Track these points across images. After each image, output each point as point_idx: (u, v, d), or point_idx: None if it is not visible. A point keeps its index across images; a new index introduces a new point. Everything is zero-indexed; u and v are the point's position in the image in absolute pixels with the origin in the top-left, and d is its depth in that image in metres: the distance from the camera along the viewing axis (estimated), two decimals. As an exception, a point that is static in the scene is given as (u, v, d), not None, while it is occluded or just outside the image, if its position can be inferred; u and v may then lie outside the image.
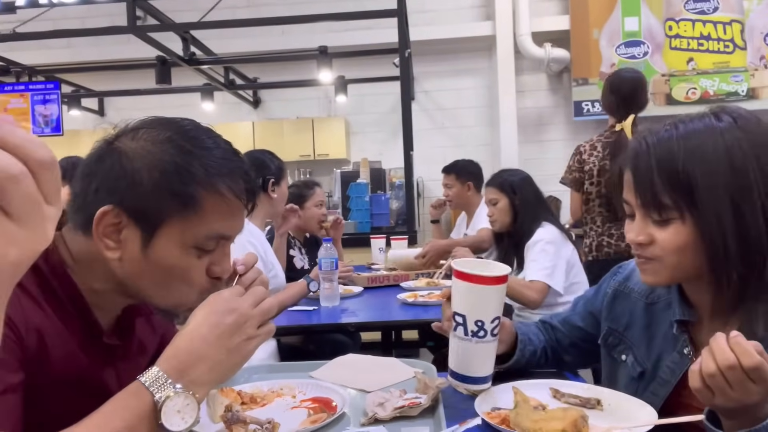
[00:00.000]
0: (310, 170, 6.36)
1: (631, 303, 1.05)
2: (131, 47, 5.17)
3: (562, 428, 0.79)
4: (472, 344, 0.95)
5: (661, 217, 0.85)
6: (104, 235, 0.74)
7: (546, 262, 2.21)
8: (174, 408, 0.66)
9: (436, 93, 6.19)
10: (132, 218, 0.74)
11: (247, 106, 6.45)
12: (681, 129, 0.87)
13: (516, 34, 5.62)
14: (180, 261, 0.77)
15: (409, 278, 2.58)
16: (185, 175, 0.75)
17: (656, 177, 0.84)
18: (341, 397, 0.98)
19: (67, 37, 5.32)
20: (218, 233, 0.78)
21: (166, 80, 4.77)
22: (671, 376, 0.93)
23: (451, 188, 3.42)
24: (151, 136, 0.76)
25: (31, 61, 5.37)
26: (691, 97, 5.46)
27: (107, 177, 0.75)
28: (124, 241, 0.75)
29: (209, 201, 0.76)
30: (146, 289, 0.78)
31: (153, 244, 0.75)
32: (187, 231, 0.76)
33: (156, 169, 0.74)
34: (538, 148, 5.94)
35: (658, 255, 0.87)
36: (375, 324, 2.12)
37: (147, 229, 0.75)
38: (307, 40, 5.32)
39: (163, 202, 0.74)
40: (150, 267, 0.76)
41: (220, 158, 0.78)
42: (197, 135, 0.79)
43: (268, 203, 2.22)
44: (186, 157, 0.76)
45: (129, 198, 0.74)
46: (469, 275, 0.94)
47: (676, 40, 5.51)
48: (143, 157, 0.75)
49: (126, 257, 0.75)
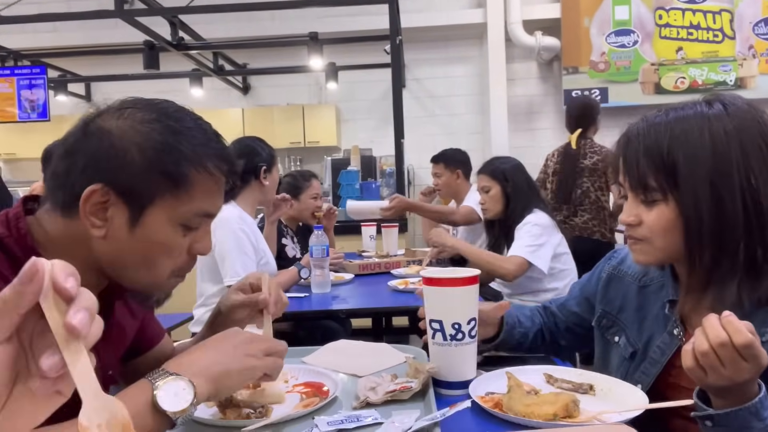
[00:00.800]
0: (300, 157, 6.33)
1: (625, 286, 1.08)
2: (118, 32, 5.09)
3: (553, 412, 0.80)
4: (451, 348, 0.96)
5: (647, 198, 0.90)
6: (91, 213, 0.74)
7: (530, 240, 2.23)
8: (171, 391, 0.68)
9: (427, 80, 6.18)
10: (120, 197, 0.75)
11: (237, 92, 6.39)
12: (671, 115, 0.91)
13: (507, 22, 5.61)
14: (167, 238, 0.78)
15: (401, 266, 2.59)
16: (176, 154, 0.76)
17: (642, 159, 0.89)
18: (333, 382, 0.99)
19: (53, 21, 5.23)
20: (205, 211, 0.80)
21: (154, 65, 4.71)
22: (661, 356, 0.96)
23: (441, 177, 3.44)
24: (138, 116, 0.77)
25: (16, 45, 5.28)
26: (679, 86, 5.50)
27: (95, 156, 0.75)
28: (111, 219, 0.75)
29: (198, 179, 0.77)
30: (127, 267, 0.78)
31: (141, 222, 0.76)
32: (176, 209, 0.77)
33: (147, 149, 0.75)
34: (528, 136, 5.96)
35: (646, 236, 0.91)
36: (366, 311, 2.14)
37: (135, 208, 0.75)
38: (297, 26, 5.27)
39: (154, 181, 0.75)
40: (136, 244, 0.76)
41: (205, 138, 0.80)
42: (181, 116, 0.80)
43: (259, 190, 2.21)
44: (175, 136, 0.77)
45: (119, 177, 0.74)
46: (440, 279, 0.97)
47: (666, 29, 5.53)
48: (132, 136, 0.75)
49: (111, 235, 0.75)
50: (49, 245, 0.77)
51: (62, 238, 0.77)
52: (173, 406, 0.67)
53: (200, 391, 0.71)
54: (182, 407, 0.68)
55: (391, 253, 2.95)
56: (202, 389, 0.71)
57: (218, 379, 0.74)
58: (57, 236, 0.77)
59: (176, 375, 0.70)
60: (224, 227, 2.04)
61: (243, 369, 0.76)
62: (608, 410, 0.83)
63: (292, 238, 2.93)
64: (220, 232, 2.05)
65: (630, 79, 5.56)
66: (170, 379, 0.69)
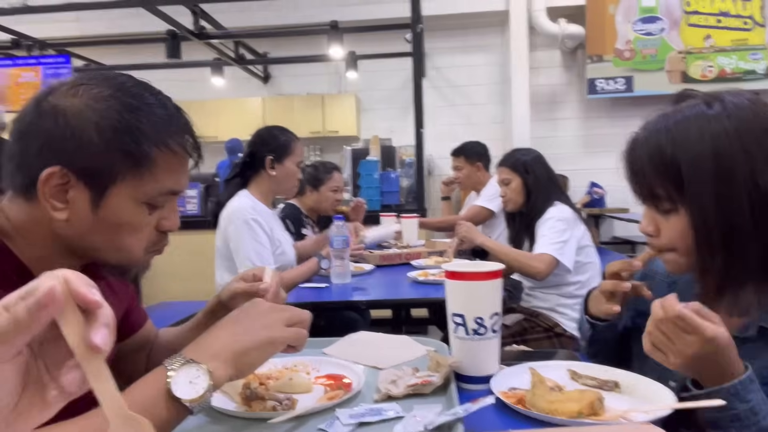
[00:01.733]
0: (320, 147, 6.34)
1: (656, 284, 1.08)
2: (141, 21, 5.13)
3: (578, 410, 0.79)
4: (474, 342, 0.95)
5: (658, 208, 0.89)
6: (51, 196, 0.72)
7: (556, 237, 2.20)
8: (186, 378, 0.66)
9: (447, 70, 6.12)
10: (80, 178, 0.73)
11: (257, 81, 6.40)
12: (671, 119, 0.88)
13: (530, 10, 5.52)
14: (132, 218, 0.76)
15: (421, 257, 2.58)
16: (136, 133, 0.74)
17: (647, 169, 0.87)
18: (355, 374, 0.98)
19: (78, 10, 5.27)
20: (170, 189, 0.78)
21: (176, 55, 4.74)
22: None
23: (461, 170, 3.47)
24: (93, 93, 0.74)
25: (41, 34, 5.35)
26: (707, 75, 5.36)
27: (51, 137, 0.72)
28: (72, 201, 0.73)
29: (161, 158, 0.76)
30: (96, 246, 0.77)
31: (104, 203, 0.74)
32: (139, 188, 0.75)
33: (105, 128, 0.73)
34: (550, 126, 5.88)
35: (667, 245, 0.90)
36: (385, 302, 2.13)
37: (97, 189, 0.73)
38: (318, 15, 5.26)
39: (115, 161, 0.73)
40: (101, 225, 0.75)
41: (166, 114, 0.77)
42: (140, 92, 0.77)
43: (268, 180, 2.20)
44: (134, 114, 0.74)
45: (77, 158, 0.72)
46: (463, 273, 0.96)
47: (694, 16, 5.39)
48: (89, 115, 0.73)
49: (74, 217, 0.74)
50: (15, 234, 0.76)
51: (27, 223, 0.76)
52: (188, 394, 0.65)
53: (218, 374, 0.68)
54: (197, 395, 0.65)
55: (412, 244, 2.94)
56: (219, 372, 0.68)
57: (236, 358, 0.70)
58: (21, 223, 0.76)
59: (191, 361, 0.67)
60: (237, 217, 2.05)
61: (261, 343, 0.73)
62: (634, 409, 0.81)
63: (312, 227, 2.93)
64: (233, 222, 2.06)
65: (656, 67, 5.44)
66: (185, 366, 0.67)
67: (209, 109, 6.25)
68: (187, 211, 4.40)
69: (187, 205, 4.43)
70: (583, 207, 5.06)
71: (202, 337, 0.74)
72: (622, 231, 5.61)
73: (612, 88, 5.51)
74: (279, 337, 0.74)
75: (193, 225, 4.18)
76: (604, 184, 5.25)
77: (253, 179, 2.21)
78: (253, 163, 2.22)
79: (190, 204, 4.49)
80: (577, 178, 5.40)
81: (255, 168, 2.21)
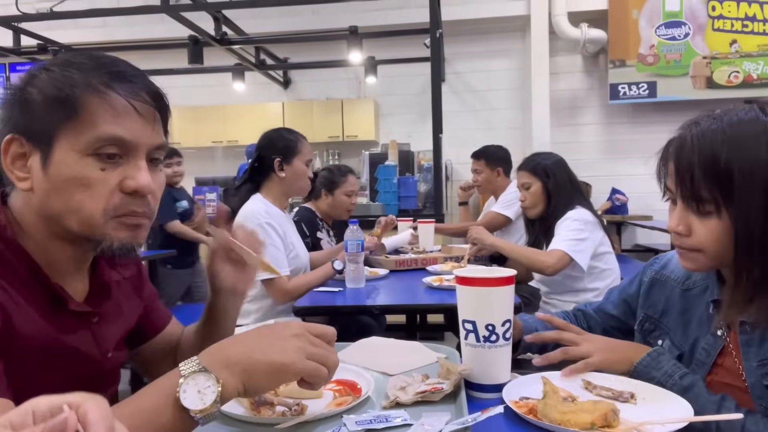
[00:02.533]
0: (338, 152, 6.35)
1: (668, 290, 1.08)
2: (164, 27, 5.21)
3: (591, 421, 0.77)
4: (485, 350, 0.93)
5: (699, 210, 0.87)
6: (13, 166, 0.75)
7: (571, 235, 2.17)
8: (195, 387, 0.64)
9: (467, 74, 6.09)
10: (30, 141, 0.75)
11: (277, 86, 6.45)
12: (725, 122, 0.86)
13: (551, 14, 5.47)
14: (77, 171, 0.74)
15: (437, 262, 2.56)
16: (65, 81, 0.75)
17: (697, 171, 0.85)
18: (365, 380, 0.97)
19: (102, 16, 5.39)
20: (111, 135, 0.74)
21: (199, 60, 4.80)
22: (707, 356, 0.96)
23: (480, 173, 3.43)
24: (45, 66, 0.78)
25: (67, 39, 5.46)
26: (733, 80, 5.25)
27: (9, 111, 0.77)
28: (31, 168, 0.75)
29: (92, 102, 0.74)
30: (56, 212, 0.76)
31: (50, 161, 0.74)
32: (78, 138, 0.74)
33: (43, 87, 0.75)
34: (571, 131, 5.81)
35: (696, 246, 0.89)
36: (400, 307, 2.11)
37: (44, 148, 0.75)
38: (338, 20, 5.28)
39: (50, 115, 0.74)
40: (53, 185, 0.74)
41: (95, 63, 0.77)
42: (77, 55, 0.78)
43: (279, 182, 2.22)
44: (66, 68, 0.76)
45: (22, 121, 0.75)
46: (474, 279, 0.93)
47: (720, 21, 5.28)
48: (35, 82, 0.76)
49: (35, 184, 0.75)
50: (27, 227, 0.78)
51: (21, 209, 0.78)
52: (195, 404, 0.63)
53: (228, 388, 0.66)
54: (204, 405, 0.63)
55: (428, 249, 2.93)
56: (229, 386, 0.66)
57: (245, 376, 0.67)
58: (23, 214, 0.78)
59: (203, 369, 0.65)
60: (251, 221, 2.06)
61: (273, 368, 0.68)
62: (650, 421, 0.79)
63: (328, 231, 2.93)
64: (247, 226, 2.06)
65: (680, 72, 5.34)
66: (196, 374, 0.65)
67: (230, 114, 6.31)
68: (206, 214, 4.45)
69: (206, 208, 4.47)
70: (604, 214, 4.99)
71: (221, 343, 0.72)
72: (645, 238, 5.51)
73: (635, 94, 5.43)
74: (293, 367, 0.69)
75: (211, 228, 4.22)
76: (626, 191, 5.17)
77: (264, 183, 2.24)
78: (262, 167, 2.24)
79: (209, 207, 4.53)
80: (598, 185, 5.33)
81: (265, 172, 2.23)
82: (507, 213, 3.24)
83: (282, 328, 0.73)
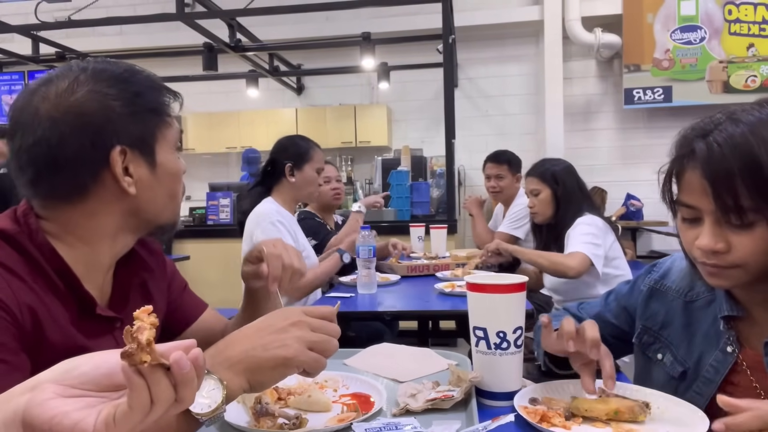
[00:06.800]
0: (351, 157, 6.37)
1: (668, 301, 1.02)
2: (180, 34, 5.27)
3: (615, 408, 0.80)
4: (496, 357, 0.92)
5: (742, 221, 0.78)
6: (121, 176, 0.79)
7: (587, 238, 2.15)
8: (199, 391, 0.65)
9: (480, 80, 6.08)
10: (134, 150, 0.80)
11: (291, 92, 6.50)
12: (748, 123, 0.79)
13: (565, 19, 5.46)
14: (176, 165, 0.86)
15: (449, 268, 2.55)
16: (153, 89, 0.83)
17: (739, 182, 0.76)
18: (379, 394, 0.94)
19: (119, 24, 5.47)
20: (179, 128, 0.89)
21: (213, 67, 4.85)
22: (715, 374, 0.91)
23: (503, 179, 3.36)
24: (91, 84, 0.78)
25: (85, 47, 5.55)
26: (750, 85, 5.19)
27: (85, 133, 0.76)
28: (135, 173, 0.81)
29: (166, 103, 0.85)
30: (158, 207, 0.84)
31: (158, 163, 0.83)
32: (169, 136, 0.85)
33: (130, 98, 0.80)
34: (585, 136, 5.77)
35: (737, 262, 0.81)
36: (411, 313, 2.11)
37: (149, 152, 0.82)
38: (351, 27, 5.31)
39: (148, 121, 0.82)
40: (160, 183, 0.84)
41: (144, 74, 0.86)
42: (125, 67, 0.84)
43: (289, 187, 2.30)
44: (132, 77, 0.82)
45: (121, 136, 0.79)
46: (485, 285, 0.93)
47: (736, 24, 5.23)
48: (98, 101, 0.78)
49: (140, 187, 0.81)
50: (65, 236, 0.80)
51: (74, 227, 0.80)
52: (200, 407, 0.62)
53: (232, 387, 0.66)
54: (209, 409, 0.63)
55: (440, 254, 2.91)
56: (233, 385, 0.67)
57: (249, 373, 0.69)
58: (70, 225, 0.79)
59: (207, 372, 0.64)
60: (263, 220, 2.15)
61: (276, 363, 0.70)
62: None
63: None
64: (260, 225, 2.15)
65: (696, 77, 5.29)
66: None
67: (244, 120, 6.36)
68: (220, 219, 4.48)
69: (220, 214, 4.50)
70: (619, 219, 4.94)
71: (222, 342, 0.73)
72: (661, 245, 5.45)
73: (650, 98, 5.38)
74: (295, 360, 0.71)
75: (225, 233, 4.25)
76: (641, 196, 5.12)
77: (274, 187, 2.32)
78: (274, 172, 2.31)
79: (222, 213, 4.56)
80: (613, 190, 5.29)
81: (276, 176, 2.30)
82: (516, 233, 3.21)
83: (280, 318, 0.74)
